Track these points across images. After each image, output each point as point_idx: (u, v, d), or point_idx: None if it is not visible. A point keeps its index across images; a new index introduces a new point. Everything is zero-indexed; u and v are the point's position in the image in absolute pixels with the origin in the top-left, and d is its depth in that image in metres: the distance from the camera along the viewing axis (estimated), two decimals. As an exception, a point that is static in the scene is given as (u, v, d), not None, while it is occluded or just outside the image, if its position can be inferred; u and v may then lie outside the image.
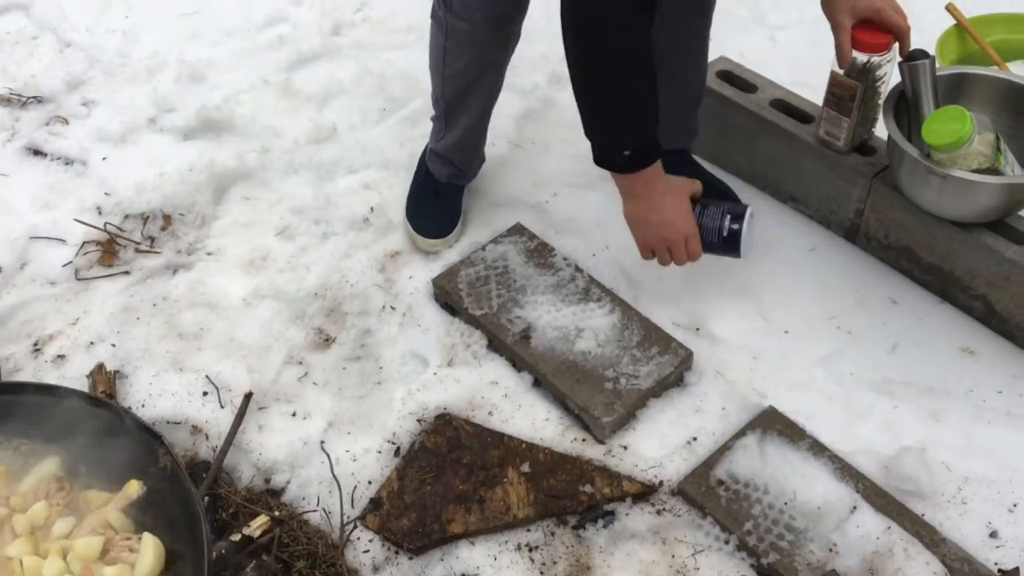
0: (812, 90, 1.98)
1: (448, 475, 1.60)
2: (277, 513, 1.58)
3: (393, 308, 1.87)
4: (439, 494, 1.58)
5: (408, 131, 2.21)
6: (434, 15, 1.77)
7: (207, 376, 1.76)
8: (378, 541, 1.55)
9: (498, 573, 1.50)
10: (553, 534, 1.53)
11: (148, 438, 1.25)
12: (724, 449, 1.56)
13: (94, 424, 1.27)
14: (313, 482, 1.62)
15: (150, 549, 1.15)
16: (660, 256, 1.65)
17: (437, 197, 1.99)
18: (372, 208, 2.05)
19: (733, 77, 2.02)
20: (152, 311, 1.89)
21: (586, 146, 2.19)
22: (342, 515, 1.57)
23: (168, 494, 1.21)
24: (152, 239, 2.02)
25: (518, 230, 1.94)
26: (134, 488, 1.21)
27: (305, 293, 1.90)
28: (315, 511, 1.59)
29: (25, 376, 1.75)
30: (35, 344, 1.83)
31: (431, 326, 1.82)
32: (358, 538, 1.55)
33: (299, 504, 1.61)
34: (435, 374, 1.74)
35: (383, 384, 1.77)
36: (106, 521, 1.19)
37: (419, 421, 1.68)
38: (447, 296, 1.83)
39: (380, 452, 1.66)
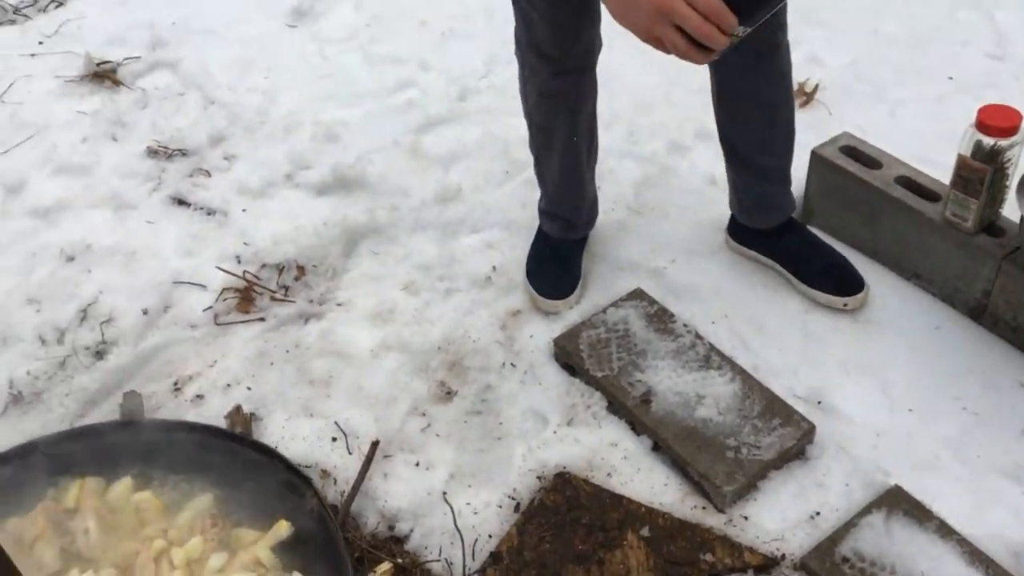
0: (935, 166, 1.99)
1: (567, 534, 1.63)
2: (400, 560, 1.63)
3: (514, 365, 1.92)
4: (558, 552, 1.61)
5: (529, 194, 2.28)
6: (516, 49, 1.83)
7: (336, 422, 1.83)
8: (497, 595, 1.58)
9: (616, 636, 1.51)
10: (672, 600, 1.54)
11: (296, 480, 1.32)
12: (849, 526, 1.55)
13: (245, 463, 1.34)
14: (436, 532, 1.67)
15: (300, 588, 1.21)
16: (671, 42, 1.10)
17: (556, 258, 2.05)
18: (494, 267, 2.12)
19: (857, 153, 2.04)
20: (285, 357, 1.98)
21: (706, 215, 2.23)
22: (464, 567, 1.61)
23: (315, 536, 1.27)
24: (286, 288, 2.12)
25: (638, 295, 1.98)
26: (283, 528, 1.27)
27: (429, 347, 1.97)
28: (437, 561, 1.63)
29: (165, 415, 1.85)
30: (175, 384, 1.93)
31: (551, 385, 1.87)
32: (478, 591, 1.59)
33: (422, 553, 1.65)
34: (555, 432, 1.78)
35: (503, 440, 1.81)
36: (257, 559, 1.25)
37: (539, 478, 1.72)
38: (568, 356, 1.87)
39: (500, 507, 1.69)
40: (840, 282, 1.93)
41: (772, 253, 2.03)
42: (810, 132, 2.14)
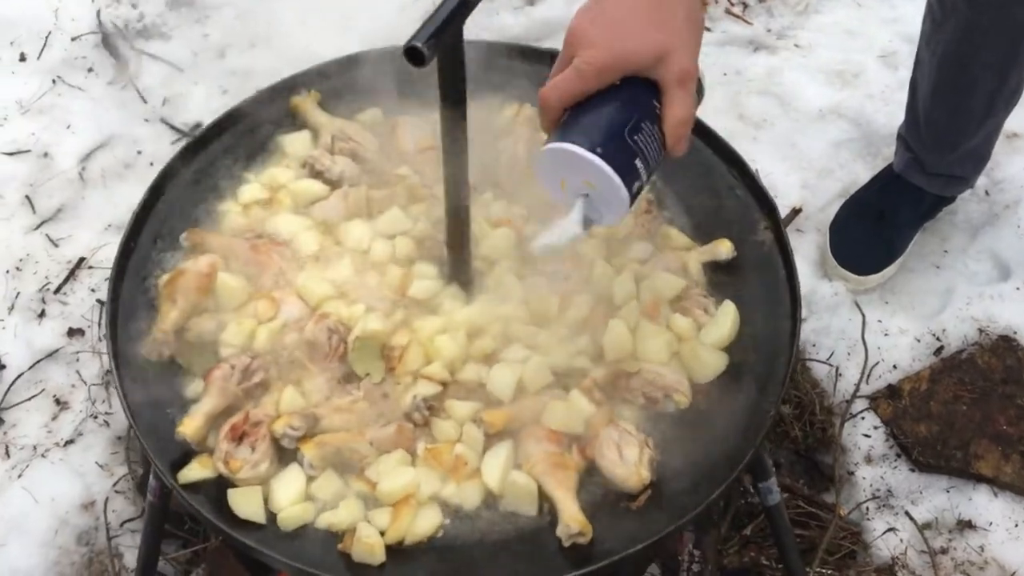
0: None
1: (992, 406, 1.32)
2: (781, 345, 1.40)
3: (987, 193, 1.55)
4: (974, 421, 1.31)
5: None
6: None
7: (757, 170, 1.57)
8: (883, 433, 1.32)
9: (1013, 542, 1.22)
10: (1103, 539, 1.21)
11: (756, 206, 1.08)
12: None
13: (708, 166, 1.11)
14: (832, 332, 1.41)
15: (729, 321, 1.00)
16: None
17: None
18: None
19: None
20: (721, 80, 1.71)
21: None
22: (858, 384, 1.35)
23: (756, 271, 1.04)
24: (746, 5, 1.81)
25: None
26: (726, 248, 1.04)
27: (887, 132, 1.61)
28: (824, 364, 1.38)
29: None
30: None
31: (1033, 234, 1.49)
32: (862, 418, 1.33)
33: (806, 348, 1.41)
34: (1017, 289, 1.42)
35: (942, 271, 1.48)
36: (684, 266, 1.05)
37: (980, 331, 1.39)
38: (1072, 210, 1.47)
39: (918, 341, 1.40)
40: None
41: None
42: None
